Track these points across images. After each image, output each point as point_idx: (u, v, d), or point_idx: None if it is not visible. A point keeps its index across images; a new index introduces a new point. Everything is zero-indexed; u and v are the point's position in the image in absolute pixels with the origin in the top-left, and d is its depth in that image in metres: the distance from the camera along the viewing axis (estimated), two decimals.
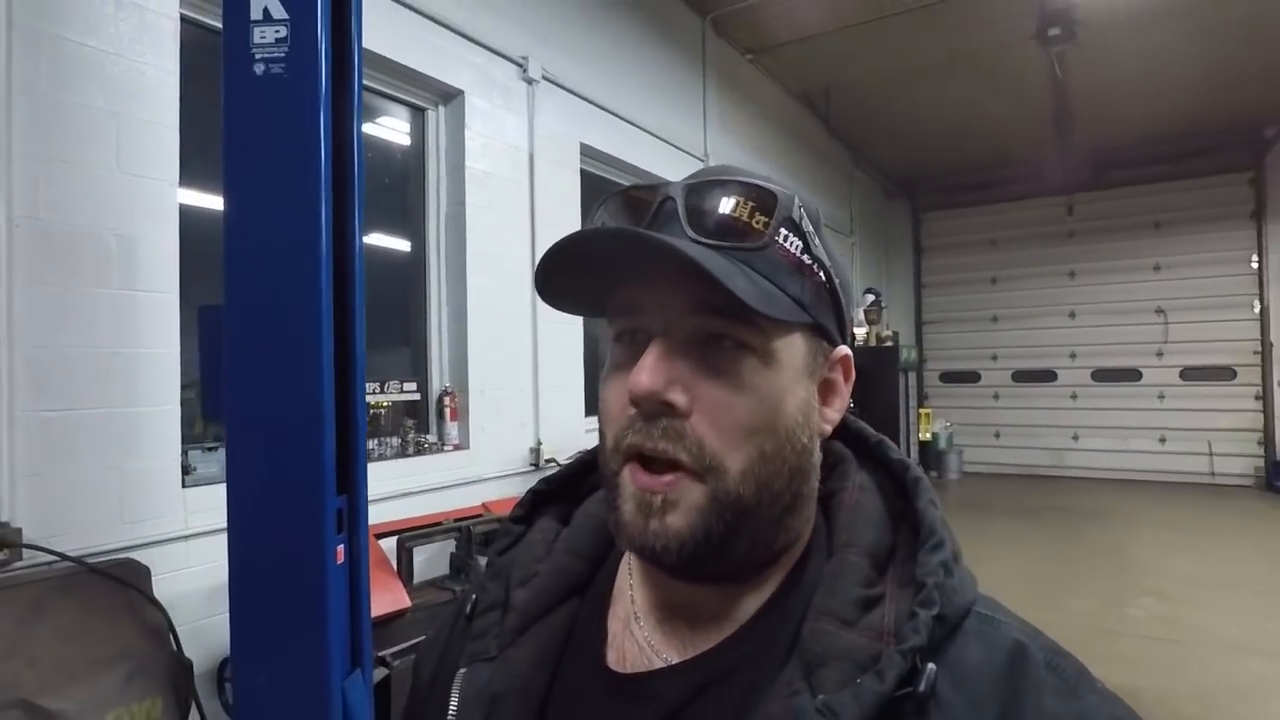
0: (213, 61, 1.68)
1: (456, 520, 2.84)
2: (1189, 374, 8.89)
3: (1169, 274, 8.95)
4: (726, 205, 0.46)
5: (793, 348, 0.47)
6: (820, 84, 7.02)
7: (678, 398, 0.43)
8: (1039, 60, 5.96)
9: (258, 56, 1.51)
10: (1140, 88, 6.91)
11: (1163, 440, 9.01)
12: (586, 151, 4.34)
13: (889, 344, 8.09)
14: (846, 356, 0.52)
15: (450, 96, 3.42)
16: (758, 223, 0.45)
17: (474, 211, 3.47)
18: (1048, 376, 9.67)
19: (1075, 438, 9.47)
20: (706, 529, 0.44)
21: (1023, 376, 9.85)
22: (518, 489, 3.48)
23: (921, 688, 0.40)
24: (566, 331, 4.07)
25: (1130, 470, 9.05)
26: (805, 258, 0.47)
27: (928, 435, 9.15)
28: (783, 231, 0.46)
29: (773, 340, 0.46)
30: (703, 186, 0.47)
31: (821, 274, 0.49)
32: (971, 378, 10.22)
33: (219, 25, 1.58)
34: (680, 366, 0.44)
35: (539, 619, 0.54)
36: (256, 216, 1.52)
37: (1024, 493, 8.41)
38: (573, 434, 4.03)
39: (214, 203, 2.35)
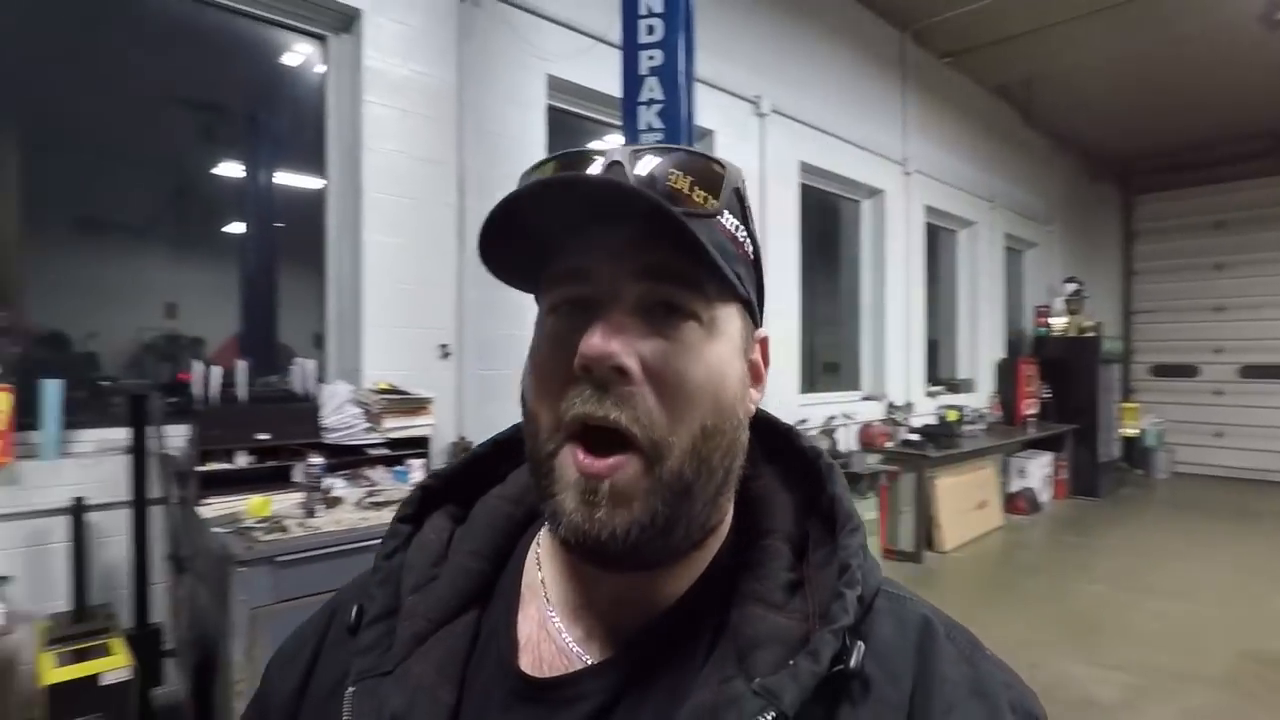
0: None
1: None
2: None
3: None
4: (676, 172, 0.44)
5: (731, 321, 0.47)
6: (1020, 77, 7.16)
7: (631, 363, 0.42)
8: (1269, 41, 5.78)
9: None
10: None
11: None
12: (804, 168, 5.07)
13: (1091, 334, 8.00)
14: (766, 339, 0.52)
15: (702, 136, 4.30)
16: (704, 194, 0.45)
17: None
18: None
19: None
20: (652, 513, 0.42)
21: (1254, 372, 9.12)
22: None
23: (853, 664, 0.41)
24: (785, 316, 4.85)
25: None
26: (740, 233, 0.47)
27: (1133, 431, 8.84)
28: (728, 204, 0.46)
29: (716, 310, 0.45)
30: (651, 151, 0.45)
31: (751, 250, 0.49)
32: (1188, 372, 9.62)
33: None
34: (631, 333, 0.42)
35: (440, 626, 0.49)
36: None
37: (1247, 496, 7.92)
38: (789, 407, 4.81)
39: None
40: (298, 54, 3.14)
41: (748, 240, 0.48)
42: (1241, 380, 9.22)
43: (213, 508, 2.27)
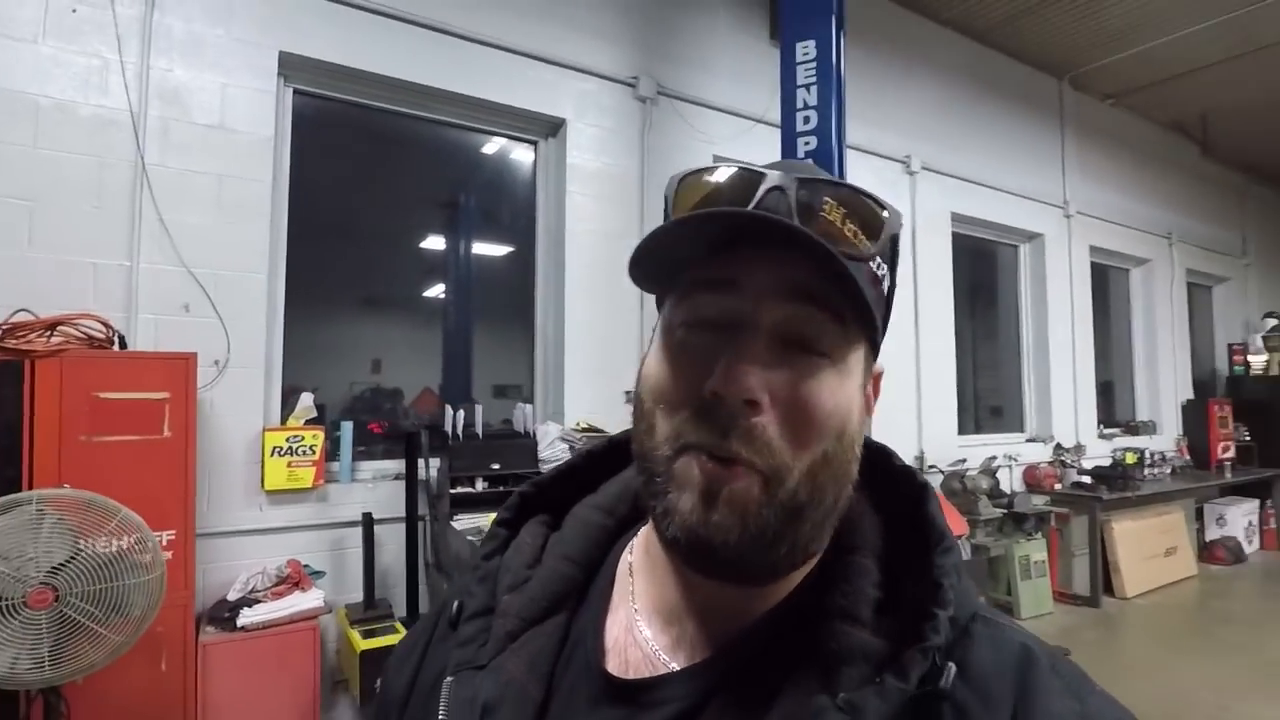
0: None
1: None
2: None
3: None
4: (835, 209, 0.44)
5: (860, 358, 0.47)
6: (1194, 111, 6.84)
7: (763, 397, 0.42)
8: None
9: None
10: None
11: None
12: (955, 218, 5.22)
13: None
14: (881, 373, 0.52)
15: None
16: (863, 237, 0.45)
17: None
18: None
19: None
20: (763, 525, 0.42)
21: None
22: None
23: (944, 685, 0.41)
24: (941, 358, 4.97)
25: None
26: (881, 271, 0.47)
27: None
28: (881, 250, 0.46)
29: (850, 348, 0.45)
30: (815, 184, 0.45)
31: (886, 288, 0.48)
32: None
33: None
34: (765, 364, 0.42)
35: (533, 625, 0.51)
36: None
37: None
38: (948, 448, 4.89)
39: None
40: (513, 153, 3.84)
41: (887, 280, 0.48)
42: None
43: (460, 522, 2.85)
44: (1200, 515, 6.59)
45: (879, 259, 0.46)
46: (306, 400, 2.87)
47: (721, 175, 0.46)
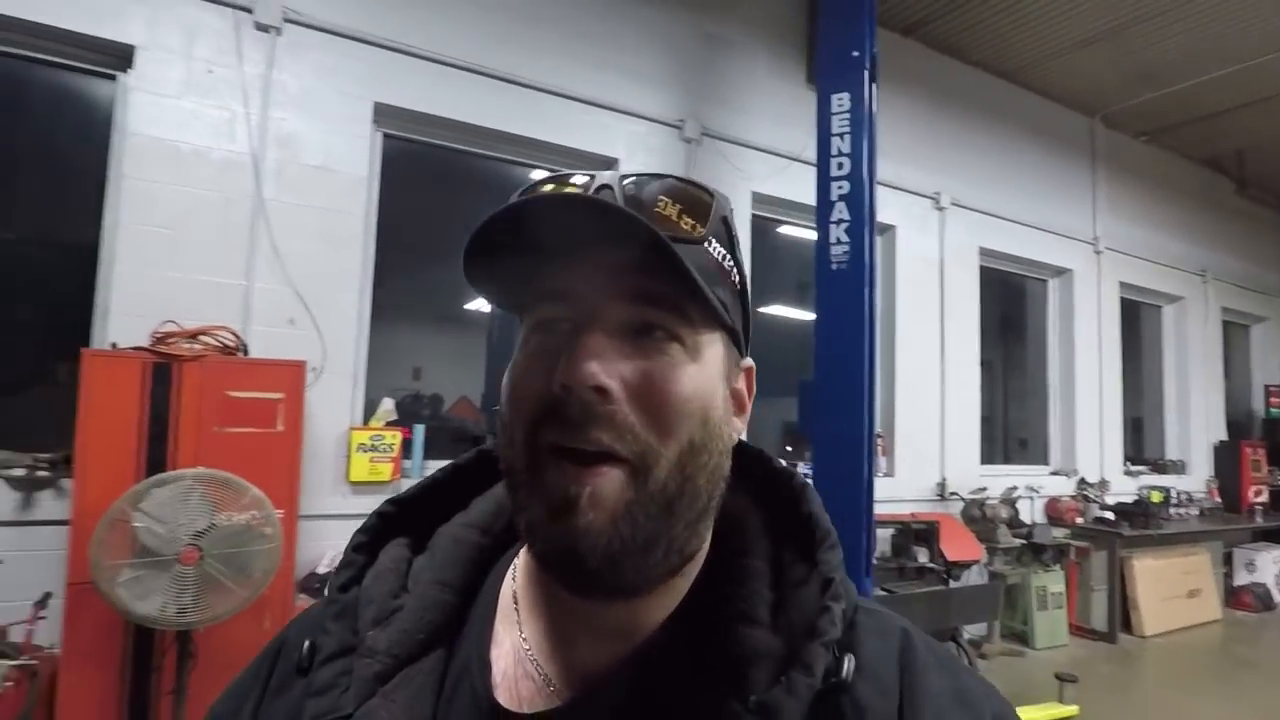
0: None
1: (888, 520, 4.20)
2: None
3: None
4: (664, 199, 0.44)
5: (715, 348, 0.46)
6: (1230, 150, 6.96)
7: (611, 383, 0.41)
8: None
9: (833, 261, 3.15)
10: None
11: None
12: (984, 253, 5.48)
13: None
14: (751, 369, 0.52)
15: (884, 230, 4.92)
16: (692, 221, 0.45)
17: (901, 307, 4.91)
18: None
19: None
20: (632, 525, 0.41)
21: None
22: (930, 509, 4.71)
23: (845, 676, 0.42)
24: (966, 388, 5.22)
25: None
26: (726, 261, 0.47)
27: None
28: (715, 232, 0.46)
29: (700, 335, 0.45)
30: (640, 179, 0.46)
31: (737, 279, 0.48)
32: None
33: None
34: (612, 353, 0.42)
35: (407, 663, 0.47)
36: (832, 338, 3.13)
37: None
38: (969, 476, 5.12)
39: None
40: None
41: (734, 269, 0.48)
42: None
43: None
44: (1229, 560, 6.62)
45: (714, 241, 0.46)
46: (388, 404, 3.29)
47: (553, 184, 0.46)
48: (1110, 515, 5.57)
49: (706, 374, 0.45)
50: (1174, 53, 5.29)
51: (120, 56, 2.95)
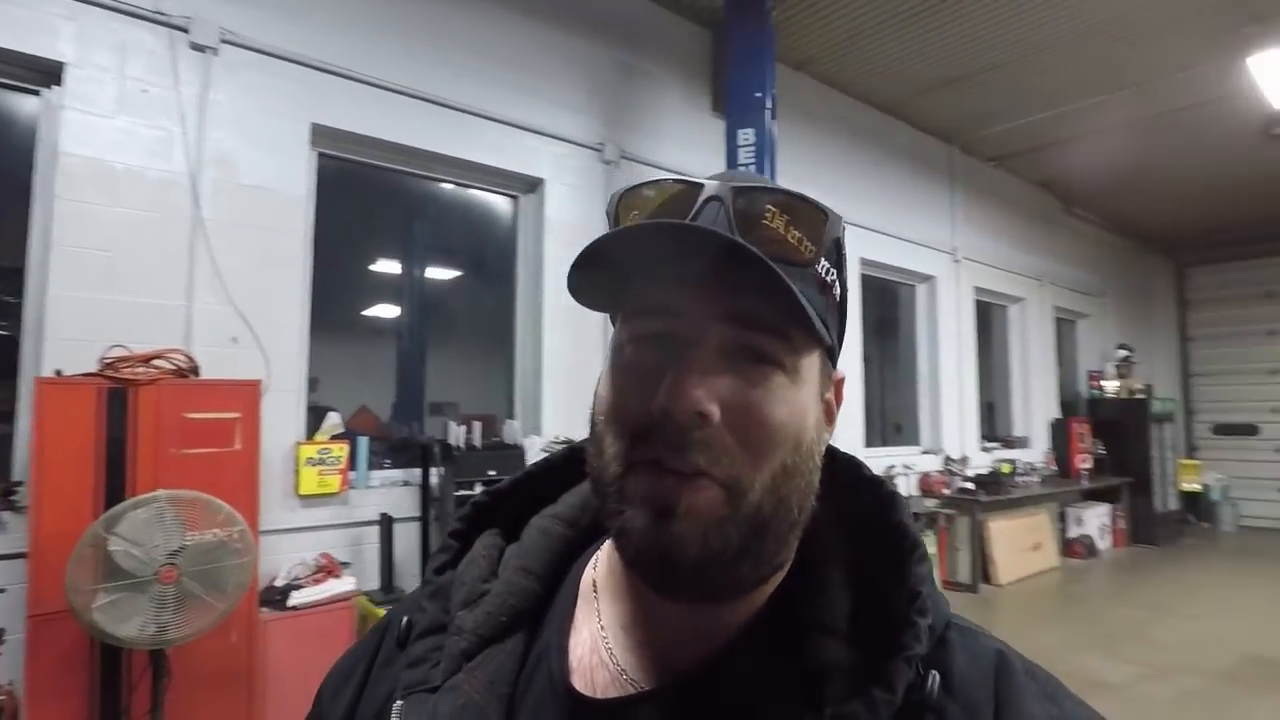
0: None
1: None
2: None
3: None
4: (772, 214, 0.44)
5: (813, 366, 0.46)
6: (1060, 175, 8.08)
7: (712, 408, 0.41)
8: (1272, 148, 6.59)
9: None
10: None
11: None
12: (863, 262, 6.15)
13: (1140, 396, 8.62)
14: (842, 379, 0.52)
15: None
16: (807, 242, 0.45)
17: None
18: None
19: None
20: (724, 540, 0.41)
21: None
22: None
23: (930, 695, 0.41)
24: (851, 382, 5.85)
25: None
26: (830, 277, 0.47)
27: (1194, 486, 9.27)
28: (826, 252, 0.46)
29: (801, 357, 0.45)
30: (752, 191, 0.45)
31: (838, 293, 0.48)
32: (1249, 430, 10.00)
33: None
34: (713, 378, 0.42)
35: (490, 643, 0.49)
36: None
37: None
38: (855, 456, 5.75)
39: None
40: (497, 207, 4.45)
41: (837, 285, 0.47)
42: None
43: None
44: (1063, 517, 7.76)
45: (824, 262, 0.46)
46: (334, 418, 3.39)
47: (659, 188, 0.47)
48: (971, 486, 6.44)
49: (803, 397, 0.45)
50: (1012, 95, 6.14)
51: (46, 73, 2.88)
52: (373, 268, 4.34)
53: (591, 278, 0.46)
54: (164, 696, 2.46)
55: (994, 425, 8.11)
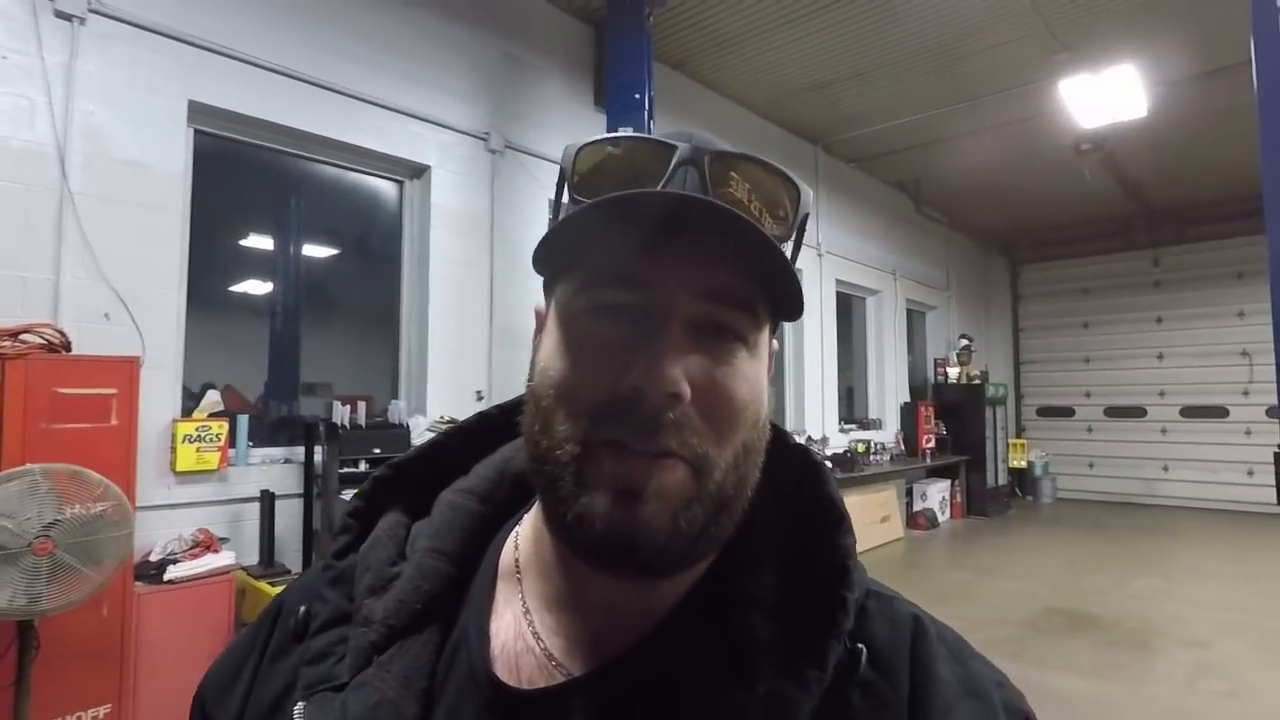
0: None
1: None
2: (1275, 411, 9.77)
3: (1253, 320, 9.88)
4: (746, 184, 0.43)
5: (765, 341, 0.46)
6: (911, 177, 8.94)
7: (684, 388, 0.40)
8: (1082, 160, 7.63)
9: None
10: (1199, 161, 8.25)
11: (1251, 473, 9.85)
12: None
13: (977, 383, 9.71)
14: (777, 350, 0.50)
15: None
16: (776, 213, 0.44)
17: None
18: (1138, 412, 10.76)
19: (1165, 469, 10.46)
20: (691, 521, 0.40)
21: (1114, 412, 10.99)
22: None
23: (859, 668, 0.42)
24: None
25: (1221, 501, 9.85)
26: (791, 251, 0.46)
27: (1021, 463, 10.52)
28: (798, 227, 0.45)
29: (760, 332, 0.44)
30: (728, 157, 0.44)
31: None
32: (1066, 412, 11.44)
33: None
34: (686, 355, 0.41)
35: (403, 633, 0.46)
36: None
37: (1105, 515, 9.63)
38: None
39: None
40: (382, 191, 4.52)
41: (795, 259, 0.47)
42: (1106, 419, 11.08)
43: (347, 496, 3.54)
44: (909, 492, 8.66)
45: (800, 231, 0.46)
46: (213, 396, 3.41)
47: (625, 146, 0.45)
48: (829, 464, 7.08)
49: (761, 372, 0.45)
50: (871, 103, 6.80)
51: None
52: (243, 243, 4.22)
53: (554, 245, 0.44)
54: (30, 668, 2.48)
55: (852, 408, 8.90)
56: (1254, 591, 5.83)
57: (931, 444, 9.08)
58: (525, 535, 0.51)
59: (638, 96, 4.25)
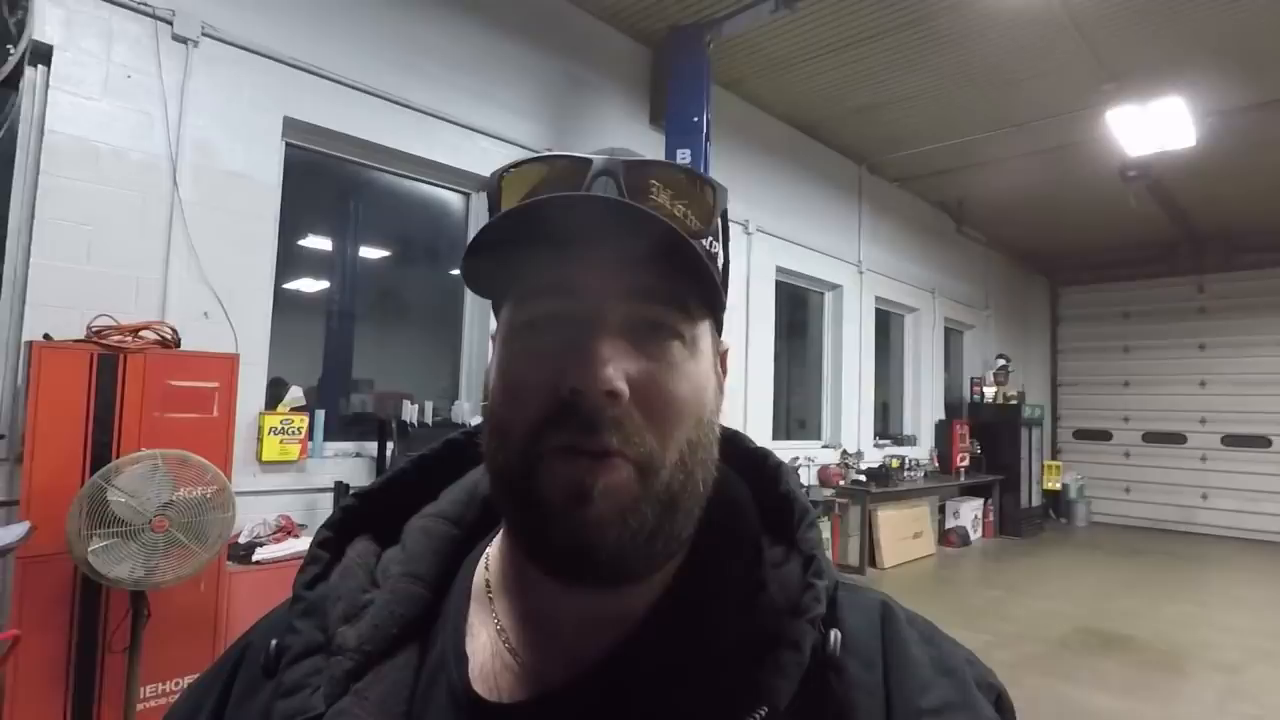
0: None
1: None
2: None
3: None
4: (656, 189, 0.44)
5: (707, 338, 0.47)
6: (954, 198, 9.01)
7: (622, 386, 0.41)
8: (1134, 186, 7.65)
9: None
10: (1247, 190, 8.20)
11: None
12: (779, 270, 6.78)
13: (1013, 403, 9.71)
14: (727, 350, 0.52)
15: None
16: (693, 215, 0.45)
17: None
18: (1178, 439, 10.64)
19: (1204, 497, 10.33)
20: (640, 520, 0.41)
21: (1153, 438, 10.88)
22: None
23: (833, 651, 0.43)
24: (763, 380, 6.47)
25: (1260, 531, 9.72)
26: (714, 248, 0.47)
27: (1055, 485, 10.47)
28: (717, 224, 0.46)
29: (696, 327, 0.45)
30: (642, 166, 0.45)
31: (721, 264, 0.48)
32: (1104, 436, 11.36)
33: None
34: (620, 354, 0.42)
35: (379, 659, 0.46)
36: None
37: (1141, 541, 9.57)
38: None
39: None
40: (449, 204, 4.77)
41: (720, 256, 0.49)
42: (1144, 445, 10.97)
43: None
44: (942, 509, 8.70)
45: (710, 237, 0.47)
46: (296, 392, 3.66)
47: (546, 164, 0.46)
48: (863, 478, 7.19)
49: (702, 368, 0.46)
50: (916, 125, 6.91)
51: (33, 53, 3.04)
52: (301, 242, 4.33)
53: (485, 264, 0.45)
54: (141, 636, 2.73)
55: (887, 424, 8.97)
56: None
57: (966, 462, 9.11)
58: (494, 555, 0.52)
59: (696, 120, 4.44)
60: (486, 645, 0.47)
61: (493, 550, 0.52)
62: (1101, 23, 5.15)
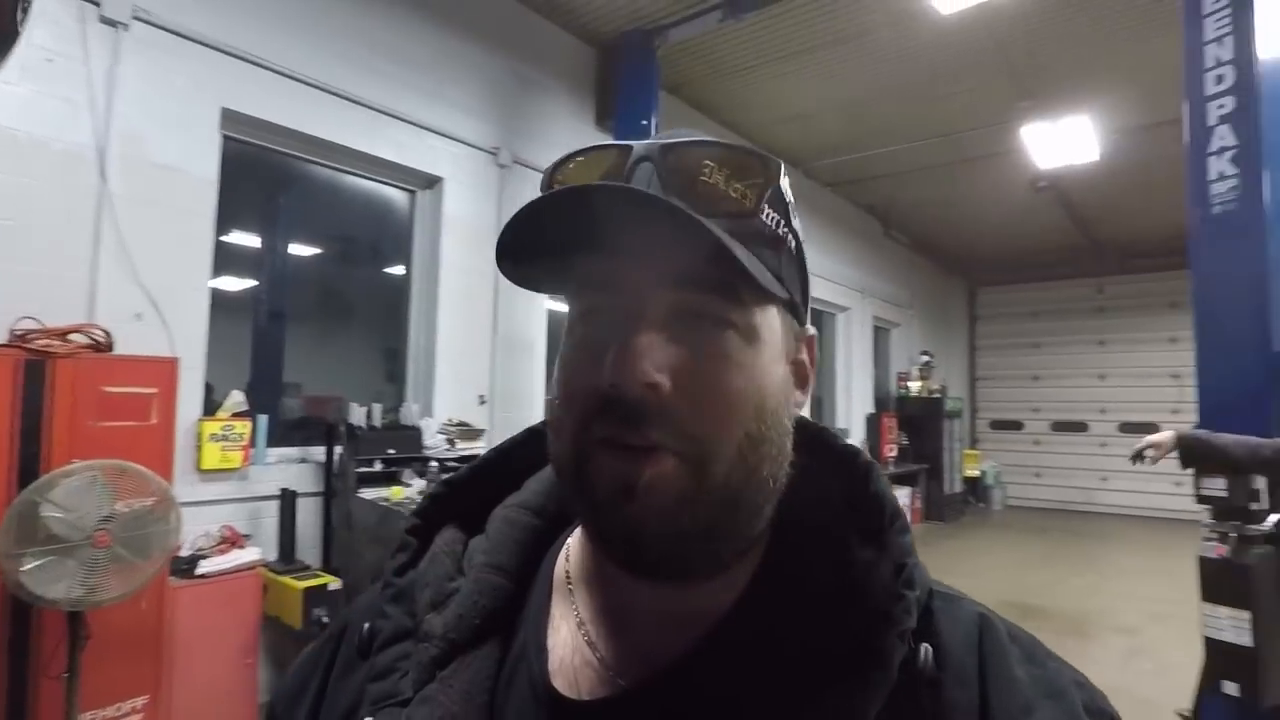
0: None
1: None
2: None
3: (1183, 346, 10.61)
4: (709, 170, 0.42)
5: (771, 324, 0.44)
6: (881, 202, 9.39)
7: (661, 378, 0.39)
8: (1039, 197, 8.17)
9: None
10: (1141, 202, 8.87)
11: (1178, 484, 10.56)
12: None
13: (936, 396, 10.21)
14: (813, 337, 0.50)
15: None
16: (745, 191, 0.43)
17: None
18: (1080, 428, 11.48)
19: (1104, 479, 11.16)
20: (692, 515, 0.40)
21: (1059, 426, 11.69)
22: None
23: (925, 668, 0.40)
24: None
25: (1153, 509, 10.50)
26: (782, 229, 0.45)
27: (974, 472, 11.08)
28: (770, 199, 0.44)
29: (754, 316, 0.43)
30: (681, 147, 0.43)
31: (793, 245, 0.46)
32: (1016, 426, 12.10)
33: None
34: (660, 346, 0.40)
35: (464, 648, 0.46)
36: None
37: (1049, 521, 10.29)
38: None
39: None
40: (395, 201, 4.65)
41: (790, 236, 0.46)
42: (1052, 433, 11.76)
43: (364, 494, 3.67)
44: None
45: (770, 211, 0.44)
46: (237, 396, 3.50)
47: (587, 155, 0.45)
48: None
49: (762, 358, 0.43)
50: (848, 133, 7.18)
51: None
52: (225, 238, 3.95)
53: (530, 257, 0.44)
54: (80, 659, 2.57)
55: (821, 418, 9.27)
56: (1176, 586, 6.29)
57: (894, 453, 9.51)
58: (574, 547, 0.51)
59: (644, 122, 4.49)
60: (567, 639, 0.47)
61: (572, 541, 0.52)
62: (1021, 45, 5.49)
